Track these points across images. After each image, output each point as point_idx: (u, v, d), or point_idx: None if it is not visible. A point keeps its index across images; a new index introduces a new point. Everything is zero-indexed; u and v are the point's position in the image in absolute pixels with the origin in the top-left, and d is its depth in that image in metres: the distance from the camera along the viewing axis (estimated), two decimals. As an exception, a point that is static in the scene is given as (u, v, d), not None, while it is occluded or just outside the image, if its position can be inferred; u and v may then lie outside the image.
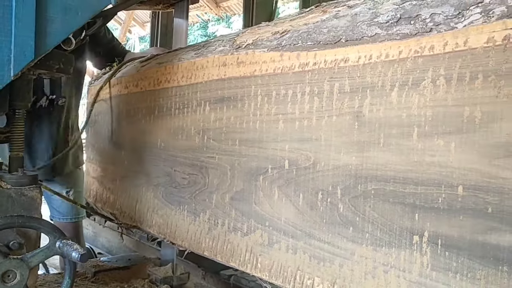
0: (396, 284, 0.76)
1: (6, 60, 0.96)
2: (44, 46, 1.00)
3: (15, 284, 1.02)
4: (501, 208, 0.63)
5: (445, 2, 0.72)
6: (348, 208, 0.84)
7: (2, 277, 1.01)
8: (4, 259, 1.00)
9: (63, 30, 1.02)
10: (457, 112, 0.68)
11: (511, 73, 0.63)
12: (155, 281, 1.68)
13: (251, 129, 1.04)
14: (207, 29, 15.95)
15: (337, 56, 0.86)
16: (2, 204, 1.09)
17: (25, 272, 1.03)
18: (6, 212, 1.09)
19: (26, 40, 0.97)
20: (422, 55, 0.73)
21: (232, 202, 1.09)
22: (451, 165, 0.69)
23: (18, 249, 1.07)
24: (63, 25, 1.01)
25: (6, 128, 1.19)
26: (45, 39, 0.99)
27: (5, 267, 1.01)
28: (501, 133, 0.63)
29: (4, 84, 0.97)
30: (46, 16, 0.99)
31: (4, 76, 0.96)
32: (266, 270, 1.00)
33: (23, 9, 0.96)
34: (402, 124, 0.75)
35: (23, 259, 1.03)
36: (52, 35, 1.00)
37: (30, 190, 1.13)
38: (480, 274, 0.65)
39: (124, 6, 1.61)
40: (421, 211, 0.72)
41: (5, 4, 0.95)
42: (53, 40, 1.01)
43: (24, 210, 1.11)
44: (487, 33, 0.65)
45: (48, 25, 0.99)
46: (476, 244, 0.66)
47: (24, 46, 0.97)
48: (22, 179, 1.14)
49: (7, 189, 1.11)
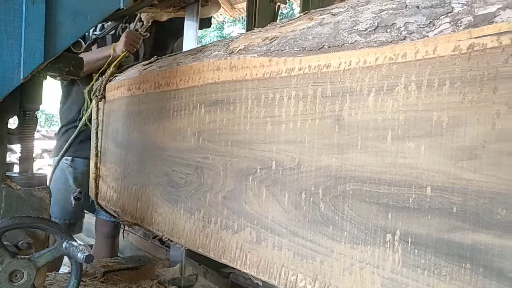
0: (370, 280, 0.79)
1: (16, 63, 0.98)
2: (54, 49, 1.01)
3: (22, 284, 1.04)
4: (464, 208, 0.67)
5: (418, 11, 0.76)
6: (328, 208, 0.87)
7: (9, 277, 1.02)
8: (11, 259, 1.02)
9: (73, 34, 1.04)
10: (426, 116, 0.72)
11: (475, 80, 0.66)
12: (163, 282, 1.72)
13: (242, 131, 1.09)
14: (223, 30, 16.04)
15: (320, 62, 0.90)
16: (12, 205, 1.12)
17: (32, 272, 1.04)
18: (16, 212, 1.11)
19: (36, 44, 0.99)
20: (396, 62, 0.77)
21: (224, 201, 1.14)
22: (421, 167, 0.72)
23: (27, 249, 1.10)
24: (72, 29, 1.02)
25: (18, 130, 1.22)
26: (55, 43, 1.01)
27: (13, 267, 1.03)
28: (465, 137, 0.67)
29: (14, 86, 0.99)
30: (56, 20, 1.00)
31: (14, 79, 0.98)
32: (254, 266, 1.04)
33: (33, 13, 0.97)
34: (377, 128, 0.79)
35: (30, 259, 1.05)
36: (62, 39, 1.02)
37: (39, 191, 1.16)
38: (446, 270, 0.69)
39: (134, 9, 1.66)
40: (394, 210, 0.76)
41: (15, 8, 0.97)
42: (62, 43, 1.03)
43: (33, 211, 1.14)
44: (454, 42, 0.69)
45: (57, 29, 1.01)
46: (441, 242, 0.69)
47: (34, 50, 0.99)
48: (32, 180, 1.17)
49: (16, 190, 1.13)
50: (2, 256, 1.01)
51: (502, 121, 0.63)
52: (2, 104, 1.02)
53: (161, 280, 1.74)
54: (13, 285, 1.02)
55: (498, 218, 0.63)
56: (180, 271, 1.77)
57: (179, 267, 1.78)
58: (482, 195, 0.65)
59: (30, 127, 1.22)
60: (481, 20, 0.67)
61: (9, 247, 1.06)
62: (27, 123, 1.21)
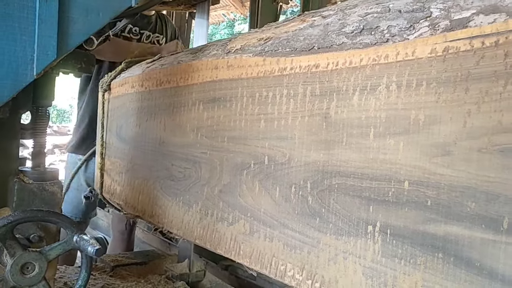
0: (353, 269, 0.84)
1: (29, 60, 0.98)
2: (66, 46, 1.02)
3: (34, 276, 1.04)
4: (438, 201, 0.71)
5: (400, 15, 0.80)
6: (316, 201, 0.92)
7: (21, 269, 1.03)
8: (23, 251, 1.03)
9: (85, 31, 1.05)
10: (405, 115, 0.76)
11: (449, 81, 0.70)
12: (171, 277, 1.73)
13: (237, 127, 1.13)
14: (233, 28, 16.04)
15: (310, 62, 0.94)
16: (24, 199, 1.14)
17: (43, 265, 1.05)
18: (28, 206, 1.13)
19: (49, 40, 0.99)
20: (379, 63, 0.81)
21: (220, 194, 1.19)
22: (399, 162, 0.77)
23: (38, 242, 1.12)
24: (84, 26, 1.03)
25: (30, 125, 1.23)
26: (67, 39, 1.01)
27: (24, 260, 1.03)
28: (440, 134, 0.71)
29: (28, 82, 1.00)
30: (69, 17, 1.01)
31: (27, 75, 0.99)
32: (247, 257, 1.09)
33: (46, 10, 0.98)
34: (361, 125, 0.83)
35: (41, 252, 1.06)
36: (74, 36, 1.03)
37: (51, 185, 1.17)
38: (420, 260, 0.73)
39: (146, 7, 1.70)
40: (375, 203, 0.80)
41: (29, 5, 0.98)
42: (75, 40, 1.03)
43: (45, 205, 1.15)
44: (431, 45, 0.73)
45: (70, 26, 1.01)
46: (417, 233, 0.74)
47: (47, 46, 0.99)
48: (44, 174, 1.19)
49: (29, 184, 1.15)
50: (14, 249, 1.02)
51: (473, 119, 0.67)
52: (15, 99, 1.04)
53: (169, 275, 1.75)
54: (25, 277, 1.03)
55: (467, 211, 0.67)
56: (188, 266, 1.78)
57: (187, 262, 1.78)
58: (454, 189, 0.69)
59: (42, 122, 1.24)
60: (457, 24, 0.71)
61: (21, 240, 1.07)
62: (40, 118, 1.23)
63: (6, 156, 1.15)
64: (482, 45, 0.66)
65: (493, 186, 0.64)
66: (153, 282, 1.70)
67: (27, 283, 1.03)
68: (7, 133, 1.15)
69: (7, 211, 1.12)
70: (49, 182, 1.17)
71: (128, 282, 1.70)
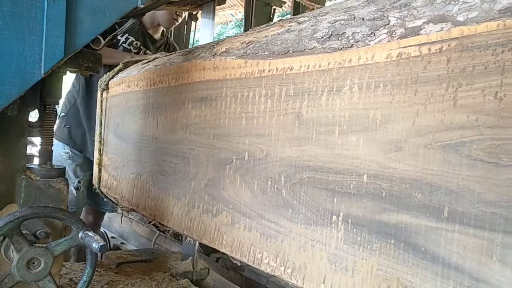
0: (319, 256, 0.91)
1: (37, 58, 1.00)
2: (73, 46, 1.03)
3: (40, 271, 1.06)
4: (391, 193, 0.78)
5: (363, 23, 0.87)
6: (289, 193, 0.99)
7: (27, 264, 1.05)
8: (29, 247, 1.05)
9: (92, 31, 1.06)
10: (365, 114, 0.83)
11: (401, 83, 0.77)
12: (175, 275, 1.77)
13: (222, 125, 1.21)
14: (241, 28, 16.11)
15: (285, 65, 1.02)
16: (31, 195, 1.16)
17: (49, 260, 1.07)
18: (35, 202, 1.15)
19: (57, 40, 1.01)
20: (344, 66, 0.88)
21: (206, 188, 1.26)
22: (360, 157, 0.84)
23: (45, 238, 1.14)
24: (91, 26, 1.05)
25: (38, 123, 1.26)
26: (75, 39, 1.03)
27: (31, 255, 1.05)
28: (393, 132, 0.78)
29: (35, 81, 1.01)
30: (76, 17, 1.03)
31: (35, 74, 1.00)
32: (229, 246, 1.16)
33: (54, 10, 1.00)
34: (328, 123, 0.91)
35: (47, 248, 1.07)
36: (81, 35, 1.04)
37: (57, 182, 1.19)
38: (376, 246, 0.80)
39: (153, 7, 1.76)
40: (339, 195, 0.88)
41: (37, 5, 0.99)
42: (82, 40, 1.05)
43: (51, 201, 1.17)
44: (387, 50, 0.80)
45: (77, 26, 1.03)
46: (373, 222, 0.81)
47: (55, 45, 1.01)
48: (51, 171, 1.21)
49: (36, 181, 1.17)
50: (20, 244, 1.04)
51: (420, 119, 0.74)
52: (23, 97, 1.06)
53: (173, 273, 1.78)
54: (31, 272, 1.05)
55: (415, 201, 0.74)
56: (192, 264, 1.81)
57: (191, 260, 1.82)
58: (404, 181, 0.76)
59: (50, 120, 1.26)
60: (410, 32, 0.78)
61: (27, 236, 1.09)
62: (47, 116, 1.25)
63: (14, 154, 1.17)
64: (429, 51, 0.73)
65: (436, 179, 0.71)
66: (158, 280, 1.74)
67: (33, 278, 1.06)
68: (15, 130, 1.17)
69: (14, 207, 1.15)
70: (56, 179, 1.19)
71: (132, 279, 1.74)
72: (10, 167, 1.16)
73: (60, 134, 2.50)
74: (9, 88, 1.00)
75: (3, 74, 0.99)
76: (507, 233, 0.62)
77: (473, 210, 0.66)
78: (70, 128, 2.51)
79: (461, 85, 0.69)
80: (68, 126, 2.51)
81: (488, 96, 0.65)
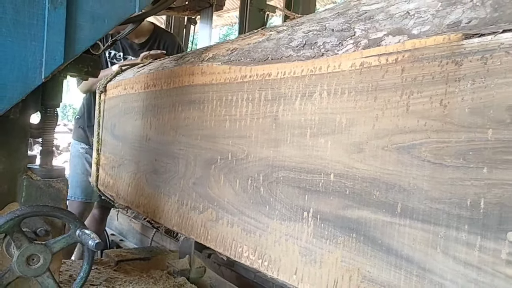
0: (292, 249, 0.98)
1: (38, 64, 1.03)
2: (73, 51, 1.06)
3: (39, 267, 1.10)
4: (353, 191, 0.85)
5: (333, 34, 0.94)
6: (266, 191, 1.06)
7: (27, 260, 1.09)
8: (29, 244, 1.09)
9: (91, 37, 1.09)
10: (332, 118, 0.90)
11: (363, 90, 0.84)
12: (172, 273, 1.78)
13: (208, 127, 1.28)
14: (245, 29, 16.23)
15: (265, 71, 1.09)
16: (32, 194, 1.19)
17: (48, 257, 1.10)
18: (35, 201, 1.19)
19: (57, 46, 1.04)
20: (315, 73, 0.95)
21: (194, 186, 1.34)
22: (328, 158, 0.91)
23: (45, 236, 1.17)
24: (91, 32, 1.08)
25: (40, 125, 1.29)
26: (74, 45, 1.06)
27: (30, 251, 1.09)
28: (356, 135, 0.85)
29: (36, 85, 1.05)
30: (76, 24, 1.06)
31: (36, 78, 1.04)
32: (214, 240, 1.24)
33: (54, 18, 1.03)
34: (301, 126, 0.98)
35: (46, 245, 1.11)
36: (81, 41, 1.07)
37: (57, 182, 1.23)
38: (340, 240, 0.87)
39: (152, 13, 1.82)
40: (309, 193, 0.95)
41: (38, 13, 1.03)
42: (81, 46, 1.08)
43: (51, 201, 1.20)
44: (352, 60, 0.87)
45: (77, 32, 1.06)
46: (338, 217, 0.88)
47: (55, 51, 1.04)
48: (51, 172, 1.25)
49: (36, 181, 1.21)
50: (20, 241, 1.08)
51: (379, 123, 0.81)
52: (25, 101, 1.08)
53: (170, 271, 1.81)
54: (30, 268, 1.09)
55: (373, 198, 0.81)
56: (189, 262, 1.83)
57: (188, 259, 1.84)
58: (365, 180, 0.83)
59: (51, 122, 1.29)
60: (372, 43, 0.85)
61: (27, 233, 1.13)
62: (48, 119, 1.29)
63: (15, 154, 1.21)
64: (387, 61, 0.80)
65: (391, 178, 0.78)
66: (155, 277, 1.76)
67: (32, 273, 1.10)
68: (17, 132, 1.21)
69: (15, 206, 1.19)
70: (56, 179, 1.23)
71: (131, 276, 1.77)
72: (12, 167, 1.20)
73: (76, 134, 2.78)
74: (11, 92, 1.03)
75: (5, 78, 1.02)
76: (449, 227, 0.69)
77: (421, 206, 0.73)
78: (83, 128, 2.73)
79: (413, 93, 0.76)
80: (82, 127, 2.74)
81: (434, 103, 0.72)
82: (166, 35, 2.79)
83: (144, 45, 2.70)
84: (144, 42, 2.71)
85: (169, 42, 2.73)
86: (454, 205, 0.69)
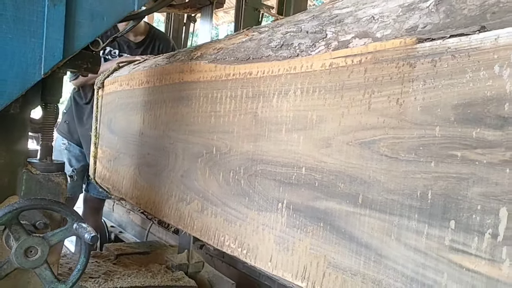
0: (268, 238, 1.04)
1: (37, 60, 1.05)
2: (72, 48, 1.08)
3: (36, 259, 1.12)
4: (322, 183, 0.91)
5: (307, 35, 1.00)
6: (246, 183, 1.13)
7: (25, 252, 1.10)
8: (27, 236, 1.11)
9: (90, 34, 1.11)
10: (304, 115, 0.96)
11: (332, 89, 0.90)
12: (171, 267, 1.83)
13: (195, 122, 1.34)
14: (250, 25, 16.28)
15: (246, 70, 1.15)
16: (31, 188, 1.22)
17: (45, 249, 1.12)
18: (34, 195, 1.21)
19: (56, 43, 1.06)
20: (290, 73, 1.01)
21: (182, 178, 1.40)
22: (300, 152, 0.97)
23: (43, 229, 1.20)
24: (90, 29, 1.10)
25: (40, 120, 1.31)
26: (73, 42, 1.08)
27: (28, 244, 1.10)
28: (325, 130, 0.91)
29: (36, 81, 1.06)
30: (75, 21, 1.07)
31: (35, 74, 1.05)
32: (199, 230, 1.30)
33: (54, 15, 1.05)
34: (277, 122, 1.04)
35: (44, 237, 1.13)
36: (80, 38, 1.09)
37: (56, 176, 1.25)
38: (309, 229, 0.93)
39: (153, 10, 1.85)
40: (283, 185, 1.01)
41: (38, 10, 1.05)
42: (80, 43, 1.09)
43: (50, 194, 1.22)
44: (322, 60, 0.93)
45: (76, 29, 1.08)
46: (308, 208, 0.94)
47: (54, 48, 1.05)
48: (50, 166, 1.26)
49: (36, 175, 1.23)
50: (19, 234, 1.09)
51: (345, 120, 0.87)
52: (25, 96, 1.11)
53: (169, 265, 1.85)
54: (28, 260, 1.11)
55: (339, 190, 0.87)
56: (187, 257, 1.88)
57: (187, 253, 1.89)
58: (332, 173, 0.89)
59: (50, 117, 1.31)
60: (341, 45, 0.90)
61: (26, 226, 1.13)
62: (48, 114, 1.30)
63: (15, 149, 1.23)
64: (352, 62, 0.86)
65: (354, 171, 0.84)
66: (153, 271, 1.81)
67: (30, 265, 1.12)
68: (17, 127, 1.23)
69: (15, 199, 1.22)
70: (55, 174, 1.25)
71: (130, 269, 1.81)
72: (12, 161, 1.22)
73: (60, 128, 2.77)
74: (11, 87, 1.06)
75: (5, 74, 1.05)
76: (402, 216, 0.75)
77: (379, 197, 0.79)
78: (68, 123, 2.72)
79: (374, 92, 0.81)
80: (67, 122, 2.73)
81: (392, 101, 0.78)
82: (161, 37, 2.89)
83: (141, 44, 2.76)
84: (140, 41, 2.78)
85: (164, 43, 2.81)
86: (406, 196, 0.74)
